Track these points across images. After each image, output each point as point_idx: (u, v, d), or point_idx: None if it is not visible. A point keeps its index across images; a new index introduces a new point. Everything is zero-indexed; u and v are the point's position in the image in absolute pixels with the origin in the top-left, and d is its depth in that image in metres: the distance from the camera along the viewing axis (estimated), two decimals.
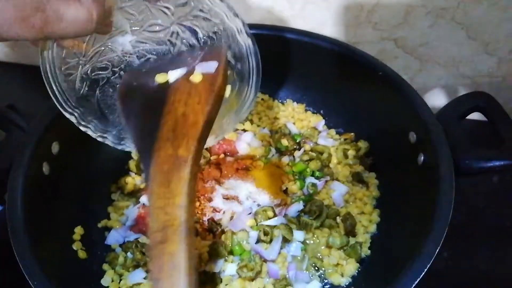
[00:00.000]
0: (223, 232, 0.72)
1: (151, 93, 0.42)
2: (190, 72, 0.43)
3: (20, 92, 0.99)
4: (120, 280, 0.69)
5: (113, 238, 0.74)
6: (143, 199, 0.77)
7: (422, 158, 0.67)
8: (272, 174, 0.79)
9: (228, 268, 0.69)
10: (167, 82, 0.43)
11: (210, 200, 0.75)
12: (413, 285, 0.51)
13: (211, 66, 0.43)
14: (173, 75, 0.43)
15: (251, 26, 0.79)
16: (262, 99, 0.91)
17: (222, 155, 0.82)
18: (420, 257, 0.53)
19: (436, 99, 0.94)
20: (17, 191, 0.61)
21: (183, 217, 0.36)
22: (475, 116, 0.70)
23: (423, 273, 0.51)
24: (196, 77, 0.42)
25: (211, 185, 0.76)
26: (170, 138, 0.38)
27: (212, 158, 0.82)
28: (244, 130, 0.86)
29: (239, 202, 0.75)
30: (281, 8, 0.86)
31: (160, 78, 0.43)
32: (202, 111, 0.40)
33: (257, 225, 0.72)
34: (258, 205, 0.75)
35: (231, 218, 0.73)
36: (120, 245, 0.73)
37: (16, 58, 1.04)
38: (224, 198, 0.75)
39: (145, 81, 0.44)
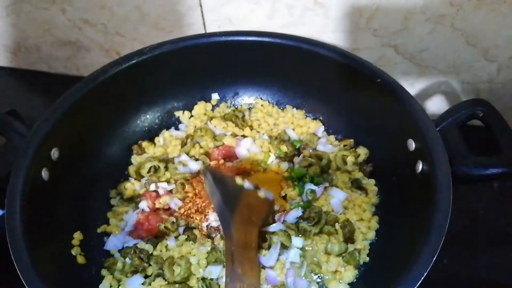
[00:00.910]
0: (221, 238, 0.72)
1: (233, 184, 0.72)
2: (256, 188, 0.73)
3: (21, 98, 0.99)
4: (119, 285, 0.69)
5: (112, 244, 0.74)
6: (142, 204, 0.77)
7: (421, 165, 0.66)
8: (271, 180, 0.79)
9: None
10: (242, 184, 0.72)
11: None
12: None
13: (271, 195, 0.73)
14: (246, 185, 0.72)
15: (251, 33, 0.81)
16: (262, 105, 0.91)
17: (222, 161, 0.82)
18: (417, 265, 0.52)
19: (437, 105, 0.94)
20: (16, 197, 0.61)
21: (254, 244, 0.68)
22: (473, 122, 0.70)
23: (420, 282, 0.51)
24: (262, 194, 0.72)
25: None
26: (246, 208, 0.68)
27: (212, 163, 0.82)
28: (244, 136, 0.87)
29: None
30: (281, 15, 0.87)
31: (239, 181, 0.72)
32: (264, 213, 0.72)
33: None
34: None
35: None
36: (119, 251, 0.73)
37: (18, 64, 1.05)
38: None
39: (226, 177, 0.73)
